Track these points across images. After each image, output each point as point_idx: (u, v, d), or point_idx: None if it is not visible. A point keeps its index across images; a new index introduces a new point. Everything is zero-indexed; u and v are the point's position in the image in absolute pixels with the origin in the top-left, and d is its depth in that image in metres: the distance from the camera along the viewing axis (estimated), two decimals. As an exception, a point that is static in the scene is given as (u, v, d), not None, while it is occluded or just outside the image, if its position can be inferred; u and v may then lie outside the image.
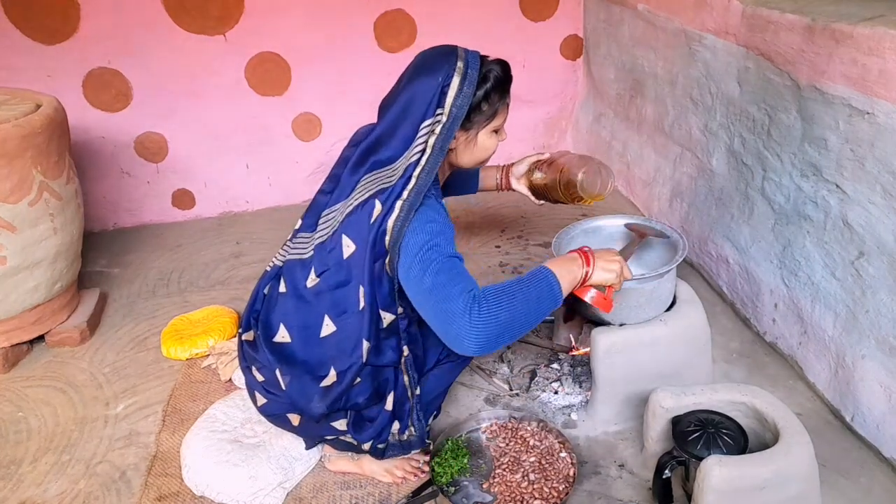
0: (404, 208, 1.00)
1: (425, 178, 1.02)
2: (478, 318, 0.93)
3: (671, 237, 1.39)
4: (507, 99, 1.12)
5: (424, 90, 1.04)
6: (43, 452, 1.40)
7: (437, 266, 0.98)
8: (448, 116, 1.03)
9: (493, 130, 1.13)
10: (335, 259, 1.07)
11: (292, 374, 1.13)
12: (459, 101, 1.03)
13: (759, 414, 1.18)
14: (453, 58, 1.05)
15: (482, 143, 1.13)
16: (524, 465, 1.27)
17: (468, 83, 1.04)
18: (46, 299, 1.68)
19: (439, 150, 1.03)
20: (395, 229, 1.00)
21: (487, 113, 1.09)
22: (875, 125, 1.23)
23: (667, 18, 2.01)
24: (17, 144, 1.49)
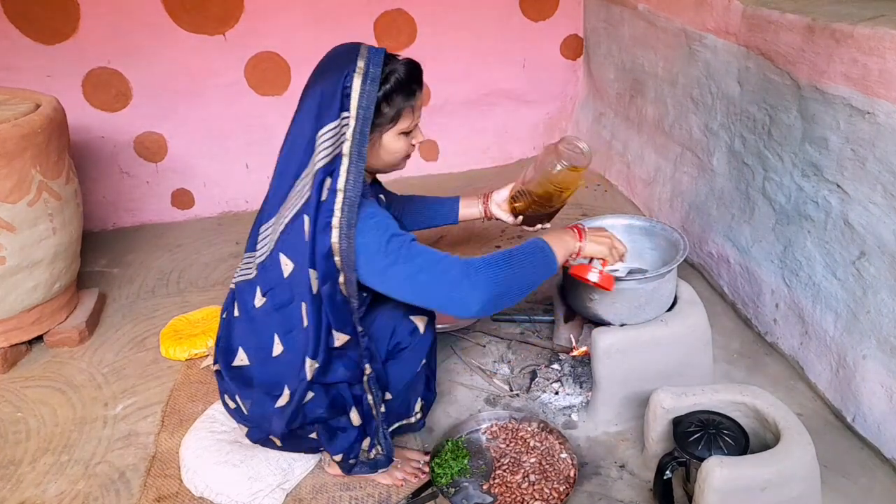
0: (343, 226, 0.99)
1: (353, 189, 1.00)
2: (477, 278, 0.99)
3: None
4: (413, 101, 1.07)
5: (326, 93, 1.02)
6: (42, 453, 1.40)
7: (407, 251, 0.99)
8: (356, 119, 0.99)
9: (402, 133, 1.09)
10: (277, 278, 1.06)
11: (252, 398, 1.14)
12: (364, 101, 0.99)
13: (759, 414, 1.17)
14: (354, 56, 1.01)
15: (388, 145, 1.09)
16: (524, 465, 1.27)
17: (371, 82, 1.00)
18: (45, 299, 1.68)
19: (357, 155, 1.00)
20: (343, 249, 0.99)
21: (389, 115, 1.05)
22: (875, 125, 1.22)
23: (667, 18, 2.01)
24: (17, 144, 1.48)
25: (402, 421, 1.25)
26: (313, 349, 1.05)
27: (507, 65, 2.61)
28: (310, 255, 1.00)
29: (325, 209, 1.00)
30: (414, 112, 1.09)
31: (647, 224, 1.48)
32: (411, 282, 1.02)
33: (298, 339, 1.06)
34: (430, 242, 2.20)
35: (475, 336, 1.71)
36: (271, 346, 1.09)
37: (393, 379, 1.17)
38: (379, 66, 1.02)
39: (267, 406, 1.11)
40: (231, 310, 1.16)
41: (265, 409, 1.12)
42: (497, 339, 1.69)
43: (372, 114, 1.01)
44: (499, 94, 2.65)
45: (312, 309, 1.02)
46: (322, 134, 1.01)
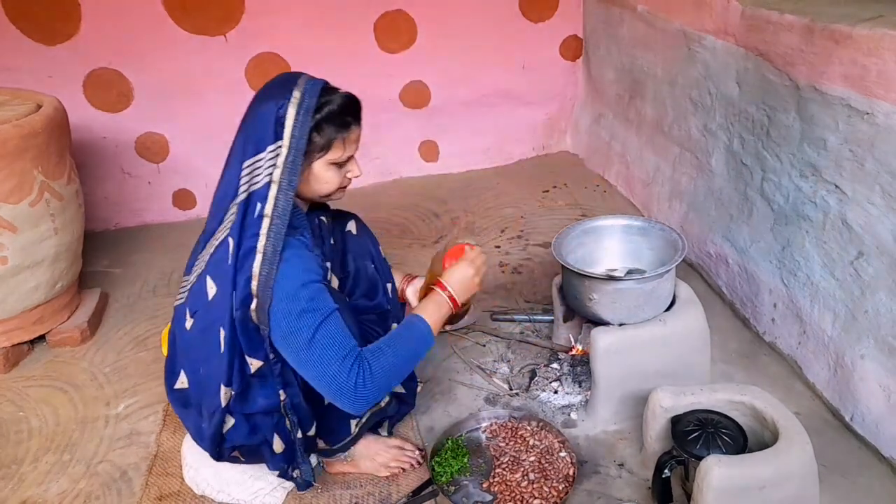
0: (268, 251, 0.99)
1: (281, 216, 1.01)
2: (363, 387, 1.01)
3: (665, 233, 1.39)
4: (345, 133, 1.08)
5: (260, 124, 1.03)
6: (44, 452, 1.40)
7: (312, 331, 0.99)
8: (288, 148, 1.01)
9: (332, 163, 1.09)
10: (202, 301, 1.08)
11: (188, 418, 1.16)
12: (297, 131, 1.01)
13: (758, 413, 1.18)
14: (291, 86, 1.03)
15: (319, 174, 1.09)
16: (524, 464, 1.27)
17: (304, 112, 1.02)
18: (47, 299, 1.69)
19: (287, 183, 1.01)
20: (262, 275, 0.99)
21: (319, 144, 1.06)
22: (874, 126, 1.23)
23: (666, 19, 2.02)
24: (18, 145, 1.49)
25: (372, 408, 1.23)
26: (227, 376, 1.05)
27: (507, 66, 2.62)
28: (232, 278, 1.01)
29: (250, 234, 1.01)
30: (345, 144, 1.09)
31: (645, 224, 1.49)
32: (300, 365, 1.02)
33: (214, 364, 1.07)
34: (433, 240, 2.21)
35: (475, 335, 1.71)
36: (199, 369, 1.11)
37: None
38: (314, 96, 1.04)
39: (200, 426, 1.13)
40: (173, 334, 1.18)
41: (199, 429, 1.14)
42: (497, 339, 1.70)
43: (305, 144, 1.03)
44: (498, 94, 2.66)
45: (229, 334, 1.03)
46: (253, 162, 1.03)
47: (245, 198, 1.03)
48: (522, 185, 2.57)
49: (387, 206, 2.44)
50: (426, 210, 2.42)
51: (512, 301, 1.86)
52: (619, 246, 1.51)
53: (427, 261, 2.09)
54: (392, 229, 2.29)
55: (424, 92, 2.57)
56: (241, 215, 1.02)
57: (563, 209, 2.38)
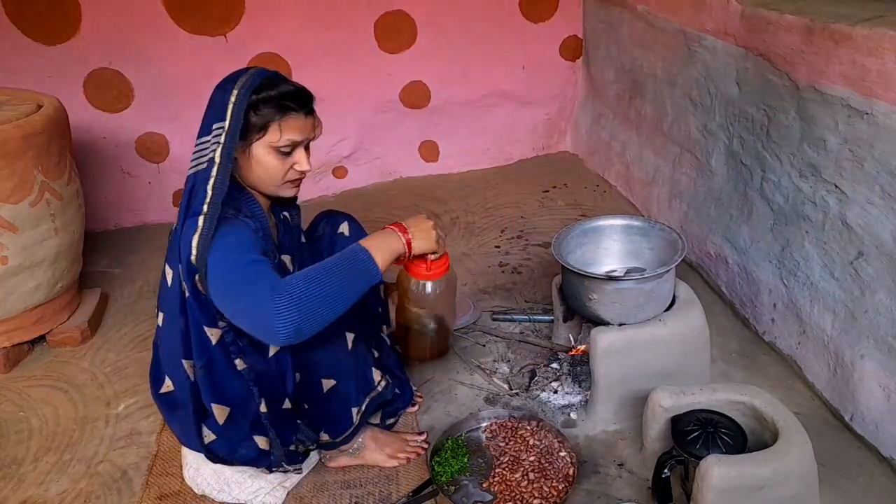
0: (206, 223, 1.00)
1: (219, 189, 1.02)
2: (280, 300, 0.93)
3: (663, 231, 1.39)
4: (283, 117, 1.07)
5: (212, 109, 1.07)
6: (44, 452, 1.40)
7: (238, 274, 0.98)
8: (228, 126, 1.04)
9: (273, 148, 1.08)
10: (165, 291, 1.10)
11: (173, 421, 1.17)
12: (236, 109, 1.04)
13: (758, 413, 1.18)
14: (241, 75, 1.07)
15: (260, 158, 1.08)
16: (524, 464, 1.27)
17: (244, 92, 1.05)
18: (47, 299, 1.69)
19: (227, 156, 1.04)
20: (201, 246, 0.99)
21: (257, 125, 1.06)
22: (874, 125, 1.23)
23: (666, 19, 2.02)
24: (19, 145, 1.49)
25: (371, 394, 1.22)
26: (183, 348, 1.07)
27: (507, 66, 2.62)
28: (178, 253, 1.03)
29: (194, 208, 1.02)
30: (282, 128, 1.07)
31: (645, 224, 1.49)
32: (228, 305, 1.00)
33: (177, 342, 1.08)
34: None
35: (475, 335, 1.71)
36: (182, 366, 1.11)
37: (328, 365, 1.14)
38: (258, 79, 1.06)
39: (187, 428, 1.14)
40: (156, 342, 1.20)
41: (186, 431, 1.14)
42: (497, 339, 1.70)
43: (240, 122, 1.05)
44: (498, 94, 2.66)
45: (182, 308, 1.05)
46: (200, 143, 1.07)
47: (192, 173, 1.06)
48: (522, 185, 2.57)
49: (386, 206, 2.44)
50: (426, 210, 2.42)
51: (512, 301, 1.86)
52: (619, 246, 1.51)
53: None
54: (392, 229, 2.29)
55: (424, 92, 2.57)
56: (188, 195, 1.05)
57: (562, 209, 2.38)
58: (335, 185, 2.60)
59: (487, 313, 1.79)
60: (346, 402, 1.19)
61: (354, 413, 1.21)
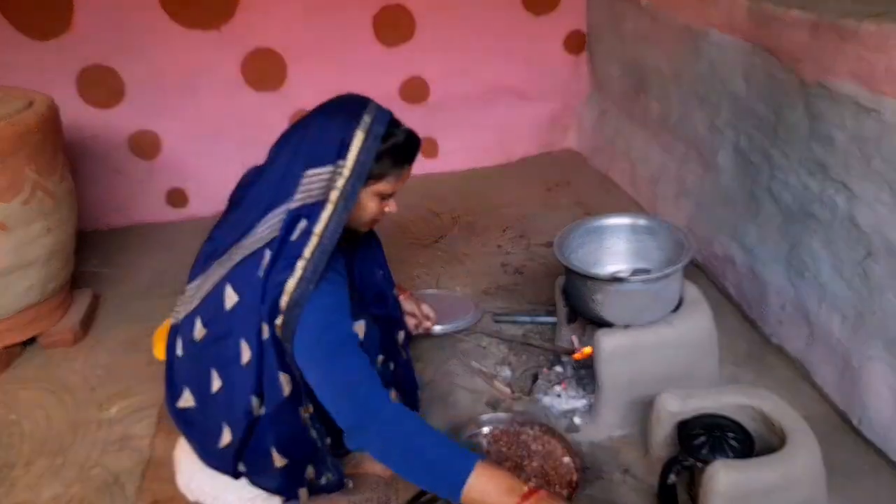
0: (308, 270, 0.96)
1: (330, 238, 0.98)
2: (371, 438, 0.94)
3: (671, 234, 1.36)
4: (400, 170, 1.07)
5: (323, 138, 1.00)
6: (36, 456, 1.38)
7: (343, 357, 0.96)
8: (351, 171, 0.99)
9: (378, 195, 1.07)
10: (218, 310, 1.03)
11: (196, 439, 1.13)
12: (363, 156, 1.00)
13: (765, 417, 1.16)
14: (361, 110, 1.02)
15: (363, 202, 1.06)
16: (526, 470, 1.25)
17: (373, 138, 1.00)
18: (40, 300, 1.66)
19: (343, 207, 0.99)
20: (297, 292, 0.96)
21: (375, 173, 1.04)
22: (882, 123, 1.20)
23: (671, 14, 1.99)
24: (10, 143, 1.46)
25: None
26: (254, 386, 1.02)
27: (509, 60, 2.58)
28: (261, 291, 0.98)
29: (293, 248, 0.98)
30: (397, 180, 1.08)
31: (651, 223, 1.46)
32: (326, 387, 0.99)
33: (236, 375, 1.03)
34: (433, 240, 2.19)
35: (476, 338, 1.69)
36: (210, 382, 1.07)
37: None
38: (383, 125, 1.03)
39: (211, 448, 1.10)
40: (174, 348, 1.13)
41: (205, 447, 1.11)
42: (498, 341, 1.67)
43: (367, 170, 1.01)
44: (500, 90, 2.62)
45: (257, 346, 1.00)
46: (310, 174, 1.00)
47: (297, 207, 0.99)
48: (525, 183, 2.55)
49: (386, 205, 2.41)
50: (426, 209, 2.39)
51: (514, 302, 1.83)
52: (624, 245, 1.48)
53: (426, 261, 2.07)
54: (391, 229, 2.27)
55: (423, 87, 2.54)
56: (287, 226, 0.99)
57: (566, 208, 2.35)
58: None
59: (489, 315, 1.76)
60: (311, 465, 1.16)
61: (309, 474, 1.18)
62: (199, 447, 1.14)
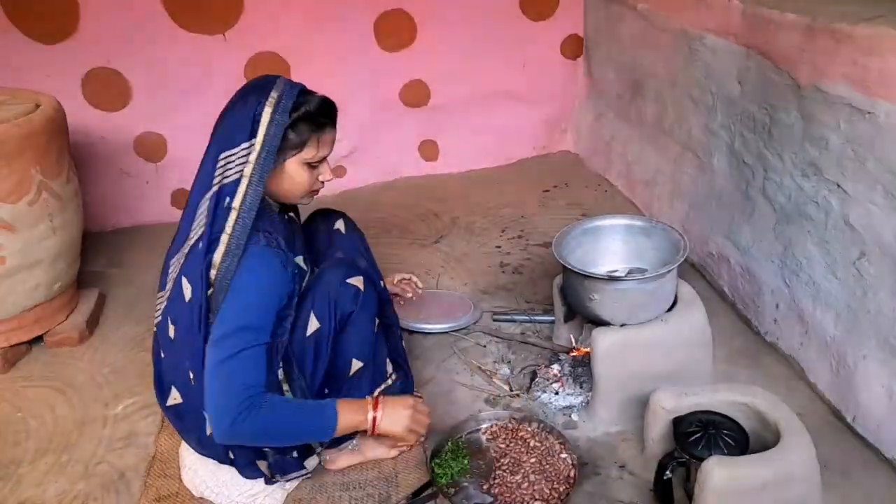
0: (231, 244, 1.00)
1: (248, 211, 1.02)
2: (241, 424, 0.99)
3: None
4: (320, 134, 1.10)
5: (236, 120, 1.05)
6: (42, 453, 1.39)
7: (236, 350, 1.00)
8: (261, 145, 1.03)
9: (307, 163, 1.10)
10: (180, 304, 1.08)
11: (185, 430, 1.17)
12: (272, 129, 1.03)
13: (760, 414, 1.18)
14: (269, 87, 1.06)
15: (291, 173, 1.10)
16: (524, 465, 1.26)
17: (280, 111, 1.04)
18: (46, 299, 1.68)
19: (258, 179, 1.03)
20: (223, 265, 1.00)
21: (294, 142, 1.08)
22: (876, 125, 1.22)
23: (667, 18, 2.01)
24: (17, 144, 1.48)
25: (381, 386, 1.25)
26: None
27: (507, 65, 2.61)
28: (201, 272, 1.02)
29: (217, 227, 1.02)
30: (319, 144, 1.10)
31: (646, 224, 1.48)
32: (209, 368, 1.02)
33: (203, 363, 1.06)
34: (433, 240, 2.21)
35: (475, 336, 1.71)
36: (188, 374, 1.11)
37: (354, 345, 1.17)
38: (291, 98, 1.06)
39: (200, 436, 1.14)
40: (158, 352, 1.19)
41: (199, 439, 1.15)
42: (497, 339, 1.69)
43: (278, 141, 1.04)
44: (498, 94, 2.65)
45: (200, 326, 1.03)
46: (225, 156, 1.05)
47: (216, 190, 1.05)
48: (523, 184, 2.57)
49: (386, 206, 2.43)
50: (426, 210, 2.41)
51: (512, 301, 1.85)
52: (620, 246, 1.50)
53: (426, 261, 2.09)
54: (392, 229, 2.29)
55: (424, 91, 2.57)
56: (213, 209, 1.04)
57: (563, 209, 2.37)
58: (334, 185, 2.58)
59: (488, 314, 1.78)
60: (363, 388, 1.21)
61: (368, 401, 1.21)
62: (193, 440, 1.18)
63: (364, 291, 1.16)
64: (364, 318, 1.17)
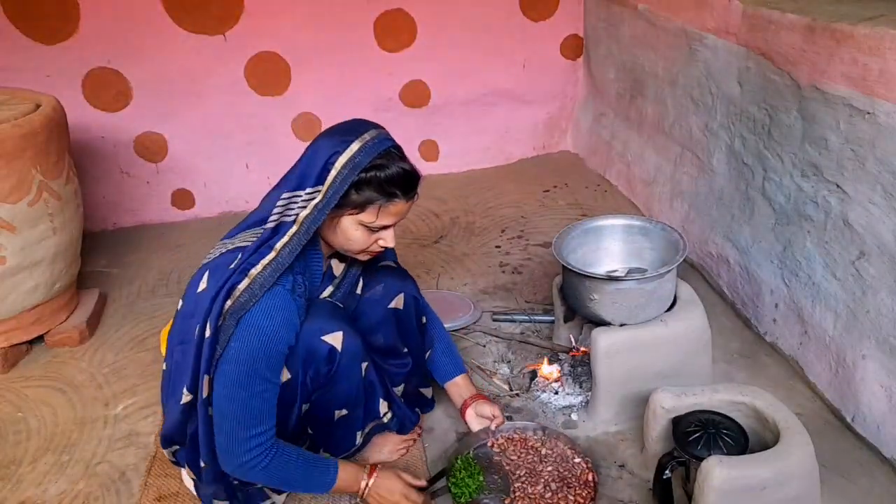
0: (257, 281, 0.99)
1: (287, 255, 1.01)
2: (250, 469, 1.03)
3: None
4: (385, 203, 1.03)
5: (312, 162, 1.02)
6: (42, 453, 1.40)
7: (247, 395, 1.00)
8: (323, 195, 1.00)
9: (363, 224, 1.05)
10: (193, 291, 1.07)
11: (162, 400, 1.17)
12: (337, 183, 0.99)
13: (759, 414, 1.18)
14: (354, 136, 1.01)
15: (345, 229, 1.05)
16: (543, 475, 1.24)
17: (351, 167, 0.99)
18: (46, 299, 1.68)
19: (306, 230, 1.01)
20: (241, 299, 0.99)
21: (355, 202, 1.02)
22: (875, 125, 1.22)
23: (667, 18, 2.01)
24: (17, 144, 1.48)
25: (375, 422, 1.25)
26: (191, 380, 1.04)
27: (507, 65, 2.61)
28: (223, 283, 1.01)
29: (253, 257, 1.01)
30: (380, 213, 1.04)
31: (646, 224, 1.48)
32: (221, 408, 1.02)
33: (186, 355, 1.05)
34: (433, 240, 2.21)
35: (475, 336, 1.71)
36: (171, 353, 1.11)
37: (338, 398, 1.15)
38: (370, 155, 1.01)
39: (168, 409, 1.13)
40: None
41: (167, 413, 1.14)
42: (497, 339, 1.69)
43: (339, 197, 1.01)
44: (499, 93, 2.65)
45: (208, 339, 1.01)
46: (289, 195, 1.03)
47: (273, 227, 1.03)
48: (523, 184, 2.57)
49: (386, 206, 2.43)
50: (426, 210, 2.41)
51: (512, 301, 1.85)
52: (620, 246, 1.50)
53: (426, 261, 2.09)
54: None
55: (424, 91, 2.57)
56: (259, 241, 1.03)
57: (563, 209, 2.38)
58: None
59: (487, 314, 1.78)
60: (353, 427, 1.20)
61: (358, 436, 1.23)
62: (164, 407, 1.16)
63: (342, 350, 1.09)
64: (346, 373, 1.12)
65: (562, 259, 1.36)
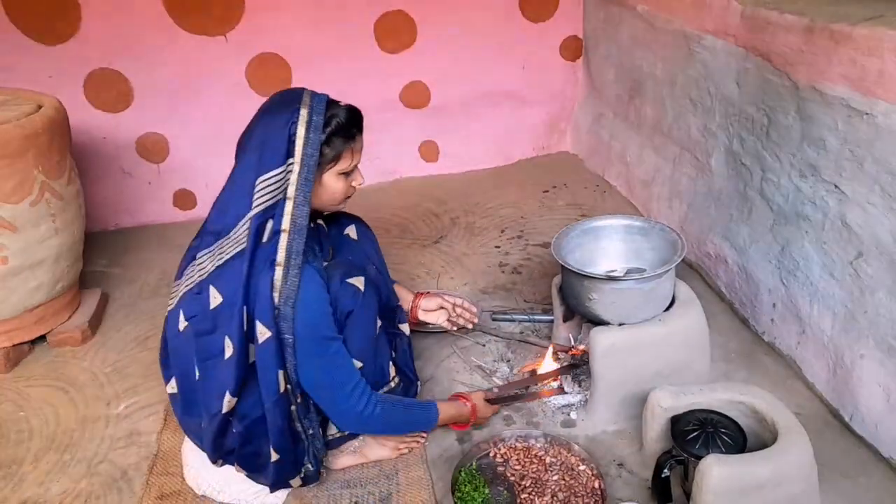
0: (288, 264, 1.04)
1: (299, 231, 1.05)
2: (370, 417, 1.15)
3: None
4: (352, 144, 1.13)
5: (268, 143, 1.05)
6: (44, 452, 1.40)
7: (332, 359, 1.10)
8: (301, 164, 1.05)
9: (341, 173, 1.14)
10: (202, 308, 1.09)
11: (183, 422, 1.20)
12: (309, 149, 1.05)
13: (757, 413, 1.18)
14: (296, 104, 1.06)
15: (328, 185, 1.14)
16: (549, 485, 1.23)
17: (314, 129, 1.05)
18: (48, 299, 1.69)
19: (302, 199, 1.06)
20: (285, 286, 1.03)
21: (329, 156, 1.10)
22: (874, 126, 1.23)
23: (666, 19, 2.02)
24: (19, 145, 1.49)
25: (383, 388, 1.26)
26: (234, 385, 1.08)
27: (507, 66, 2.62)
28: (244, 292, 1.04)
29: (266, 250, 1.04)
30: (353, 154, 1.14)
31: (645, 224, 1.49)
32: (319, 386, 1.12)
33: (216, 369, 1.09)
34: (433, 240, 2.22)
35: (475, 335, 1.71)
36: (194, 372, 1.13)
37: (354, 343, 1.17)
38: (321, 113, 1.07)
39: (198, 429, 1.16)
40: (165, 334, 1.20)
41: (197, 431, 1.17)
42: (496, 339, 1.70)
43: (316, 160, 1.06)
44: (498, 94, 2.66)
45: (240, 345, 1.05)
46: (264, 180, 1.05)
47: (260, 212, 1.05)
48: (522, 185, 2.57)
49: (387, 206, 2.44)
50: (426, 210, 2.42)
51: (512, 301, 1.86)
52: (619, 246, 1.51)
53: (426, 261, 2.10)
54: (392, 229, 2.30)
55: (424, 92, 2.58)
56: (255, 232, 1.05)
57: (562, 209, 2.38)
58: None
59: (487, 313, 1.79)
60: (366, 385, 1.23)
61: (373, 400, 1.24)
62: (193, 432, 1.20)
63: (364, 292, 1.17)
64: (364, 317, 1.18)
65: (561, 259, 1.36)
